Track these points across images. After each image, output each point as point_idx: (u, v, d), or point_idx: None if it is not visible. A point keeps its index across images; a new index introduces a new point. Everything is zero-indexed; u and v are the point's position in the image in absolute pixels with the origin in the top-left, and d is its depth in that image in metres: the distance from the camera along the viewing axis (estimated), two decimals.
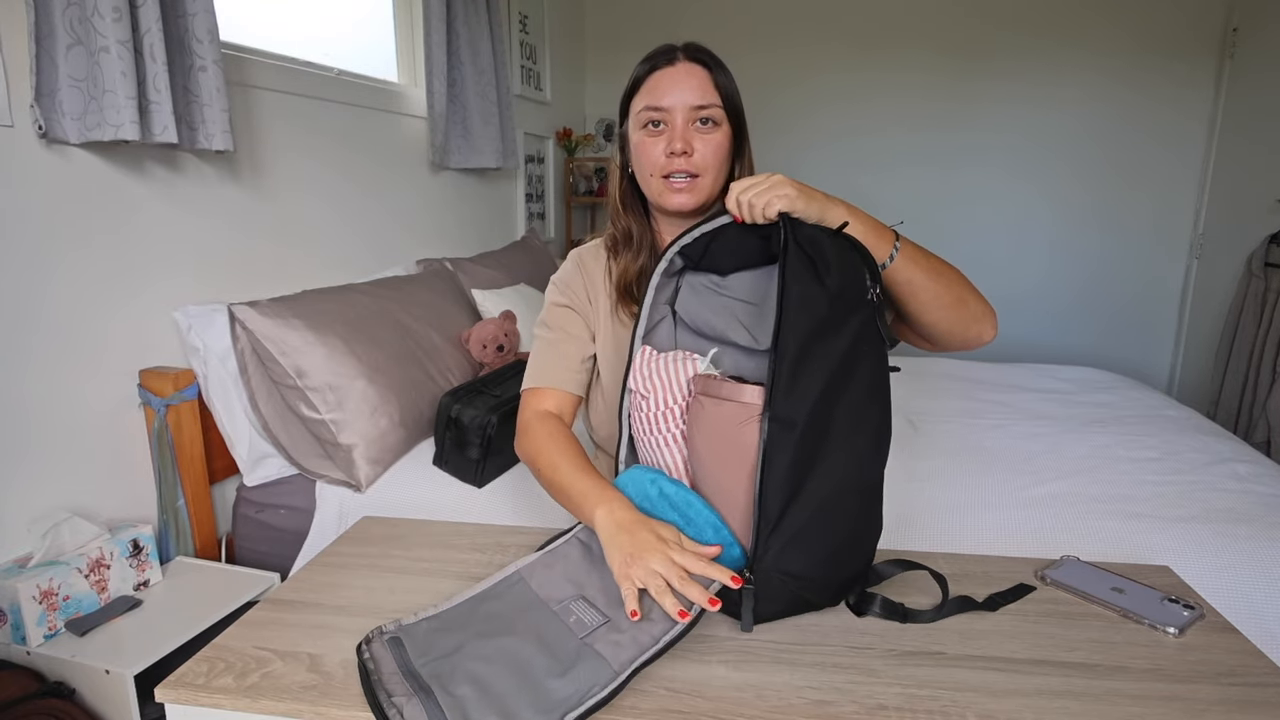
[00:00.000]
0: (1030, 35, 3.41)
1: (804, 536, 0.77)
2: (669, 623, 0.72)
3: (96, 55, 1.28)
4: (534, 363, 1.13)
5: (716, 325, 0.91)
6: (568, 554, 0.86)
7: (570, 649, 0.72)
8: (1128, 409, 2.06)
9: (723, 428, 0.82)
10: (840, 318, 0.78)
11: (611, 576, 0.79)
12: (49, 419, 1.35)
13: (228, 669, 0.74)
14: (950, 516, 1.43)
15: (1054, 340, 3.62)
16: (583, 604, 0.78)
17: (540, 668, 0.70)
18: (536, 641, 0.73)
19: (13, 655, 1.21)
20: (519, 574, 0.84)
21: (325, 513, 1.60)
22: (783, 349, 0.76)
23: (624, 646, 0.71)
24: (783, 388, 0.76)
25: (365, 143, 2.18)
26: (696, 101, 1.00)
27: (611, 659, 0.70)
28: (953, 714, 0.67)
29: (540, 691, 0.67)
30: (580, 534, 0.89)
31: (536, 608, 0.78)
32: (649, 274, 1.08)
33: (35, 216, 1.31)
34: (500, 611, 0.79)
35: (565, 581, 0.82)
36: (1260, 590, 1.25)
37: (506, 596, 0.81)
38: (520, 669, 0.70)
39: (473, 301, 2.23)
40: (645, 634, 0.72)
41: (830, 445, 0.78)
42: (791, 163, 3.72)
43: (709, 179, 1.02)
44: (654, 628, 0.72)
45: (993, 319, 0.96)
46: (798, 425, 0.76)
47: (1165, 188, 3.41)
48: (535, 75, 3.28)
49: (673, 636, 0.71)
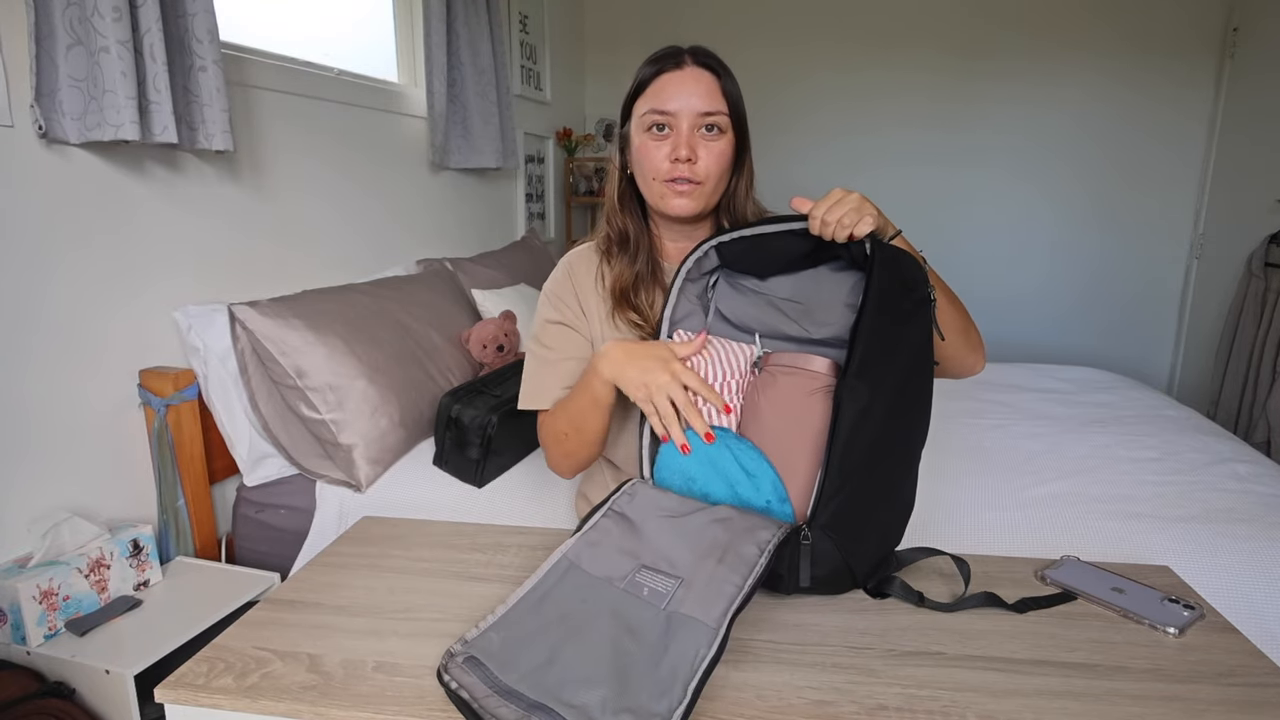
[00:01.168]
0: (1031, 35, 3.41)
1: (860, 504, 0.82)
2: (746, 569, 0.73)
3: (96, 55, 1.28)
4: (536, 382, 1.11)
5: (765, 320, 0.96)
6: (609, 529, 0.83)
7: (659, 623, 0.70)
8: (1128, 409, 2.06)
9: (793, 395, 0.89)
10: (914, 312, 0.86)
11: (663, 536, 0.80)
12: (49, 419, 1.35)
13: (228, 669, 0.74)
14: (950, 516, 1.43)
15: (1054, 340, 3.62)
16: (647, 573, 0.75)
17: (642, 652, 0.68)
18: (624, 628, 0.71)
19: (13, 655, 1.21)
20: (567, 560, 0.81)
21: (325, 513, 1.60)
22: (860, 333, 0.83)
23: (711, 600, 0.70)
24: (859, 370, 0.82)
25: (365, 143, 2.18)
26: (703, 108, 0.99)
27: (704, 616, 0.69)
28: (953, 714, 0.67)
29: (654, 674, 0.65)
30: (614, 506, 0.86)
31: (603, 590, 0.75)
32: (646, 278, 1.08)
33: (35, 216, 1.31)
34: (569, 605, 0.75)
35: (619, 555, 0.79)
36: (1260, 590, 1.25)
37: (566, 586, 0.78)
38: (623, 660, 0.67)
39: (473, 301, 2.23)
40: (728, 583, 0.72)
41: (899, 425, 0.85)
42: (791, 162, 3.72)
43: (710, 186, 1.02)
44: (734, 575, 0.72)
45: (984, 351, 1.02)
46: (874, 410, 0.82)
47: (1165, 188, 3.41)
48: (535, 75, 3.28)
49: (755, 579, 0.72)
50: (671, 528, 0.80)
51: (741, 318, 0.98)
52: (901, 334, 0.85)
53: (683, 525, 0.80)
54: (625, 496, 0.87)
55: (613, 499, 0.87)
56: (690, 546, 0.77)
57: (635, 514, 0.84)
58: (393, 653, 0.77)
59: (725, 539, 0.77)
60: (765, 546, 0.75)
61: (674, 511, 0.83)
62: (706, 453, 0.89)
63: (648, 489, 0.88)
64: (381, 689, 0.71)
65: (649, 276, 1.09)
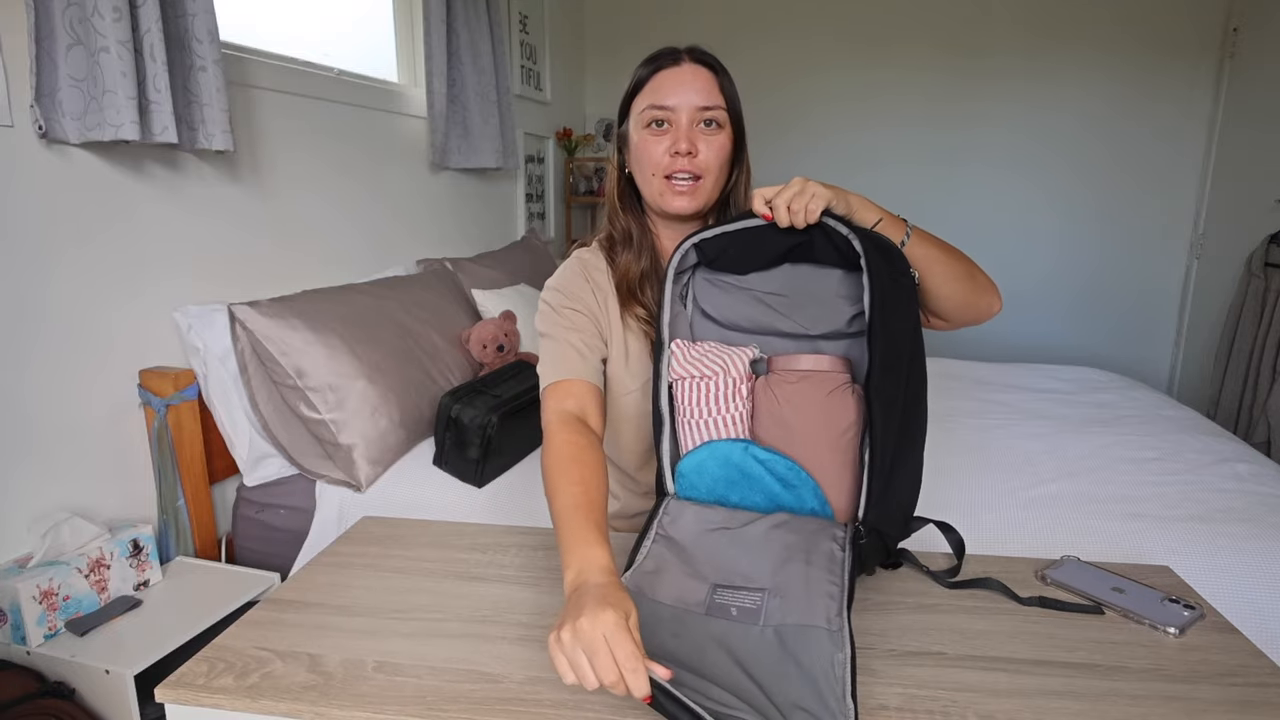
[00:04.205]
0: (1030, 35, 3.40)
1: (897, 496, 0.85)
2: (835, 565, 0.73)
3: (96, 55, 1.28)
4: (547, 361, 1.05)
5: (755, 317, 0.95)
6: (662, 554, 0.80)
7: (768, 643, 0.66)
8: (1128, 409, 2.06)
9: (814, 398, 0.89)
10: (907, 299, 0.87)
11: (725, 551, 0.78)
12: (49, 419, 1.35)
13: (228, 669, 0.74)
14: (950, 516, 1.43)
15: (1054, 340, 3.62)
16: (725, 591, 0.72)
17: (771, 682, 0.62)
18: (734, 661, 0.65)
19: (13, 655, 1.21)
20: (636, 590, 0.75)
21: (325, 513, 1.60)
22: (876, 330, 0.83)
23: (816, 603, 0.67)
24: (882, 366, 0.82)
25: (365, 143, 2.18)
26: (702, 102, 1.00)
27: (818, 621, 0.65)
28: (953, 714, 0.67)
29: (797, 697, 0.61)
30: (659, 530, 0.83)
31: (688, 619, 0.69)
32: (650, 275, 1.08)
33: (35, 216, 1.31)
34: (661, 642, 0.69)
35: (686, 579, 0.75)
36: (1261, 590, 1.25)
37: (647, 623, 0.71)
38: (755, 698, 0.62)
39: (473, 301, 2.23)
40: (825, 582, 0.70)
41: (915, 413, 0.87)
42: (790, 161, 3.72)
43: (710, 181, 1.02)
44: (827, 574, 0.72)
45: (997, 290, 1.01)
46: (899, 400, 0.84)
47: (1165, 188, 3.41)
48: (535, 75, 3.28)
49: (849, 573, 0.72)
50: (730, 542, 0.78)
51: (729, 315, 0.96)
52: (902, 321, 0.86)
53: (741, 537, 0.78)
54: (667, 518, 0.84)
55: (654, 524, 0.85)
56: (762, 556, 0.74)
57: (682, 534, 0.81)
58: (393, 653, 0.77)
59: (797, 541, 0.75)
60: (842, 541, 0.75)
61: (724, 525, 0.81)
62: (735, 464, 0.88)
63: (686, 506, 0.86)
64: (381, 689, 0.71)
65: (652, 272, 1.09)
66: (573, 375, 1.00)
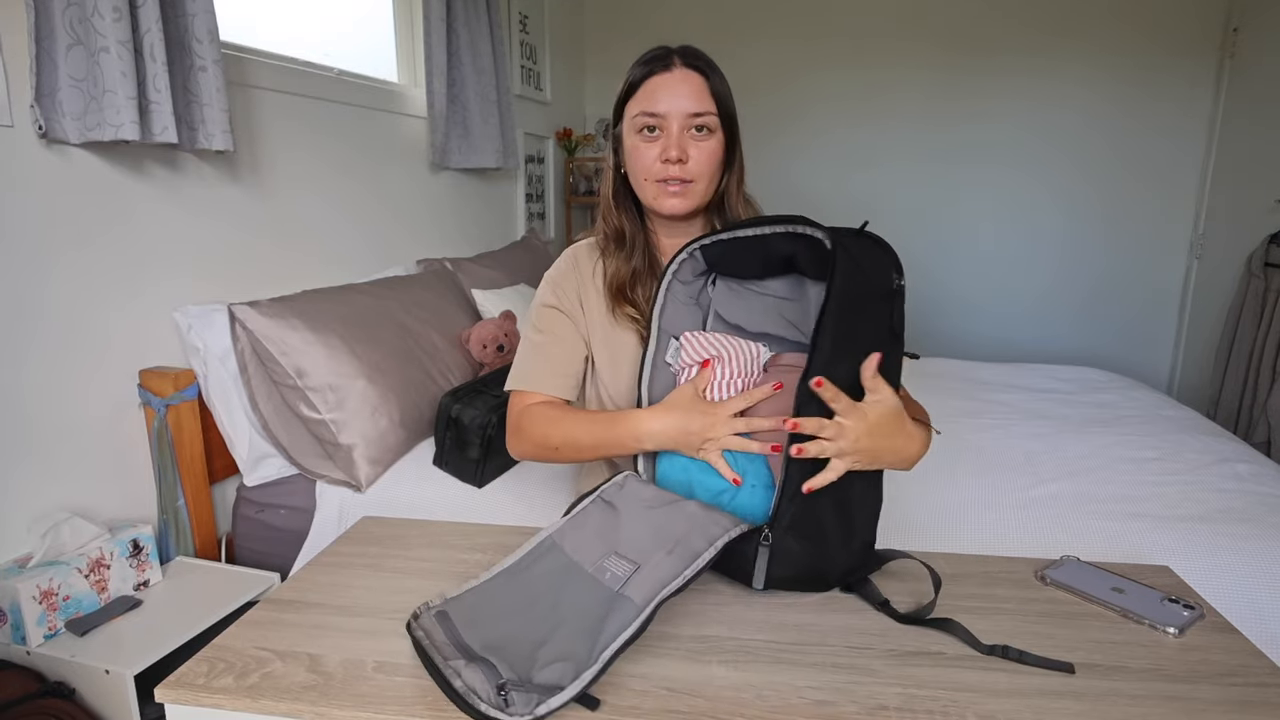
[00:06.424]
0: (1030, 35, 3.40)
1: (820, 505, 0.83)
2: (688, 560, 0.76)
3: (96, 55, 1.28)
4: (520, 365, 1.12)
5: (764, 323, 0.96)
6: (592, 514, 0.88)
7: (604, 601, 0.74)
8: (1128, 409, 2.07)
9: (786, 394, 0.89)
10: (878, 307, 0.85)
11: (638, 525, 0.82)
12: (49, 419, 1.35)
13: (228, 669, 0.74)
14: (950, 516, 1.43)
15: (1054, 340, 3.62)
16: (615, 558, 0.79)
17: (583, 624, 0.73)
18: (573, 606, 0.76)
19: (13, 655, 1.21)
20: (551, 539, 0.85)
21: (325, 513, 1.60)
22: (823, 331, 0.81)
23: (647, 585, 0.74)
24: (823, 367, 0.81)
25: (365, 143, 2.18)
26: (692, 109, 1.00)
27: (637, 597, 0.73)
28: (953, 714, 0.67)
29: (586, 645, 0.70)
30: (604, 494, 0.90)
31: (574, 573, 0.80)
32: (644, 274, 1.09)
33: (35, 216, 1.31)
34: (539, 581, 0.81)
35: (597, 540, 0.83)
36: (1261, 590, 1.25)
37: (543, 563, 0.83)
38: (562, 630, 0.73)
39: (473, 301, 2.23)
40: (667, 570, 0.75)
41: None
42: (788, 161, 3.72)
43: (702, 185, 1.04)
44: (677, 564, 0.75)
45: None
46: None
47: (1165, 188, 3.41)
48: (535, 75, 3.28)
49: (694, 571, 0.75)
50: (646, 518, 0.83)
51: (739, 319, 0.98)
52: (864, 330, 0.85)
53: (655, 516, 0.83)
54: (614, 486, 0.91)
55: (603, 487, 0.91)
56: (653, 536, 0.80)
57: (620, 503, 0.87)
58: (393, 653, 0.77)
59: (683, 531, 0.79)
60: (714, 541, 0.77)
61: (652, 503, 0.86)
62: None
63: (636, 481, 0.91)
64: (381, 689, 0.71)
65: (645, 271, 1.11)
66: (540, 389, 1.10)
